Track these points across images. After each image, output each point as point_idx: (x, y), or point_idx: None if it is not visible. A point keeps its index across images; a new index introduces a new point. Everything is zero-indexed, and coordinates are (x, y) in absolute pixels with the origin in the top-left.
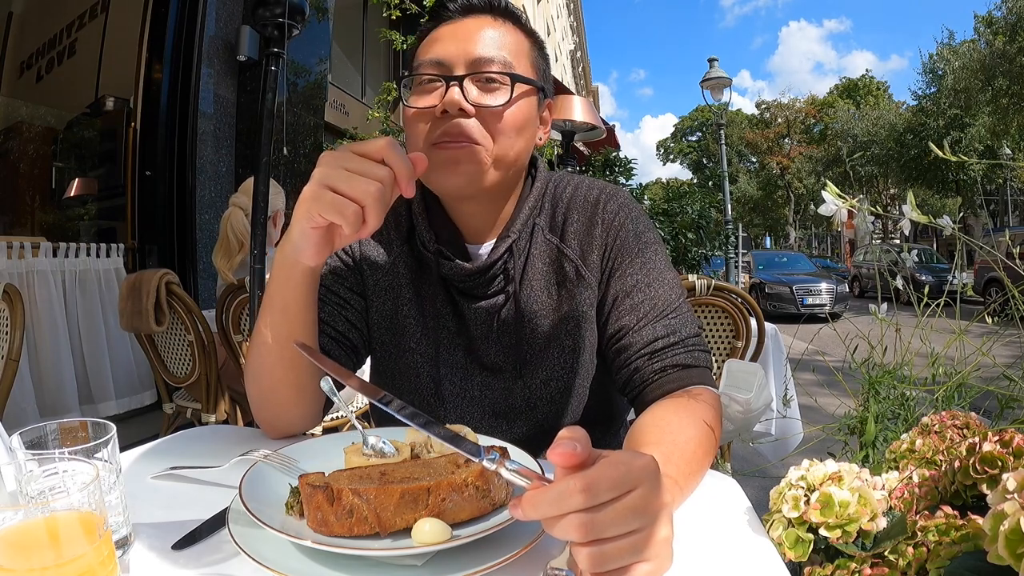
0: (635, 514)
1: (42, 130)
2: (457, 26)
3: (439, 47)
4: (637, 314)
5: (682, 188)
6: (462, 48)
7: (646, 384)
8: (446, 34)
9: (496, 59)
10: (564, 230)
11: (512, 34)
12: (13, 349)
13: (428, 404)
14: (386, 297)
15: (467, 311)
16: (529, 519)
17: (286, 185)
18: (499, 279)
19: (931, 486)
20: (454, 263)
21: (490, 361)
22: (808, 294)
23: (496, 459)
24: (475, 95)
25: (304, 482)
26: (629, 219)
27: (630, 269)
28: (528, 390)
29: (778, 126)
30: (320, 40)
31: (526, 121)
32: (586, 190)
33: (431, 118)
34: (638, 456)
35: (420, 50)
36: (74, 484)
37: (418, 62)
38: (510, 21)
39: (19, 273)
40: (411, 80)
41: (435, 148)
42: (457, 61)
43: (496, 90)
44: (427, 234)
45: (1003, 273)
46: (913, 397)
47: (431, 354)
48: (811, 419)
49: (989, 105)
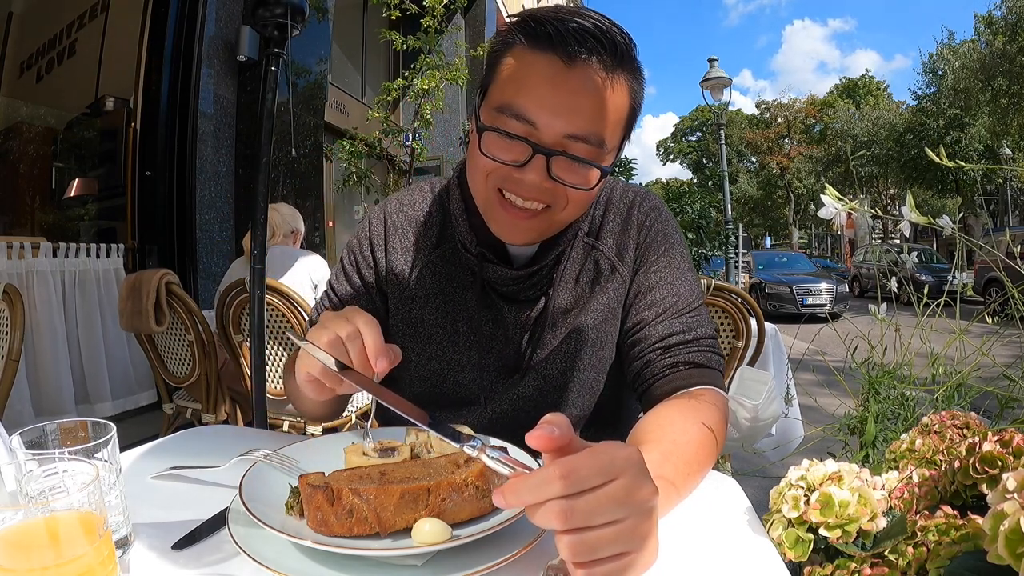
0: (616, 503)
1: (42, 130)
2: (558, 76)
3: (530, 100)
4: (656, 309)
5: (682, 188)
6: (560, 114)
7: (656, 378)
8: (541, 82)
9: (591, 139)
10: (600, 230)
11: (617, 96)
12: (13, 349)
13: (457, 407)
14: (411, 305)
15: (507, 314)
16: (511, 506)
17: (286, 185)
18: (542, 283)
19: (931, 486)
20: (499, 267)
21: (520, 361)
22: (808, 294)
23: (478, 446)
24: (558, 169)
25: (304, 482)
26: (659, 220)
27: (655, 266)
28: (544, 380)
29: (778, 126)
30: (320, 40)
31: (599, 191)
32: (621, 193)
33: (502, 167)
34: (622, 447)
35: (506, 81)
36: (74, 484)
37: (503, 104)
38: (623, 71)
39: (19, 273)
40: (484, 127)
41: (498, 200)
42: (549, 129)
43: (582, 171)
44: (468, 236)
45: (1003, 273)
46: (913, 397)
47: (460, 360)
48: (811, 419)
49: (989, 105)
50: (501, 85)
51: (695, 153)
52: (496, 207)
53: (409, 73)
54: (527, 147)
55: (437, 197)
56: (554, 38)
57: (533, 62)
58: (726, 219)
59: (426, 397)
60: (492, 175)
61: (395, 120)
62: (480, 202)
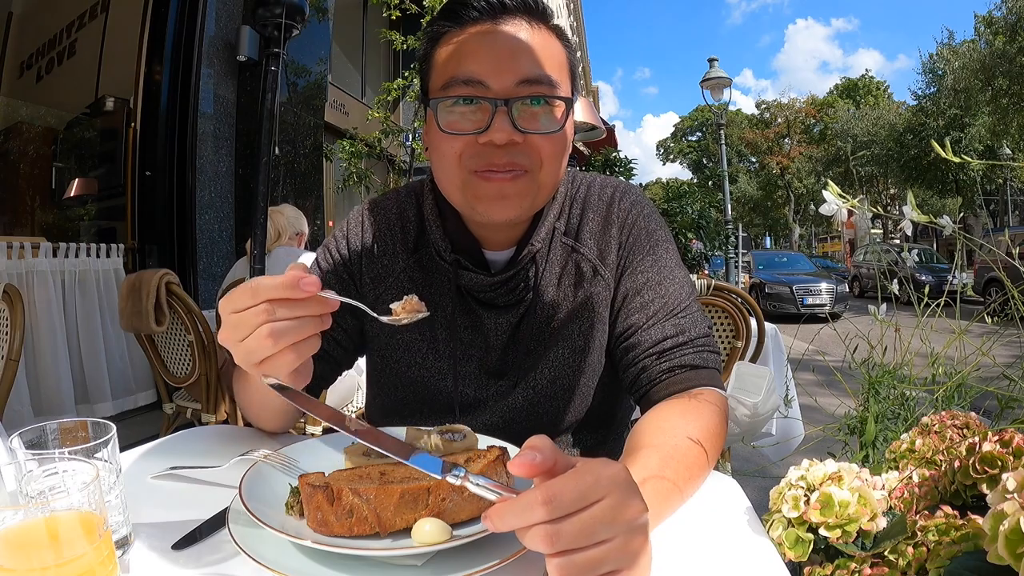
0: (603, 524)
1: (42, 130)
2: (489, 34)
3: (472, 62)
4: (646, 312)
5: (682, 188)
6: (504, 65)
7: (653, 384)
8: (478, 44)
9: (542, 79)
10: (580, 231)
11: (550, 42)
12: (13, 349)
13: (439, 415)
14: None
15: (486, 321)
16: (499, 531)
17: (286, 185)
18: (520, 287)
19: (931, 486)
20: (475, 274)
21: (504, 367)
22: (808, 294)
23: (461, 475)
24: (523, 120)
25: (304, 482)
26: (641, 216)
27: (641, 266)
28: (533, 390)
29: (778, 126)
30: (320, 40)
31: (569, 141)
32: (599, 189)
33: (469, 142)
34: (608, 465)
35: (446, 61)
36: (74, 484)
37: (448, 79)
38: (545, 25)
39: (19, 273)
40: (435, 100)
41: (477, 177)
42: (499, 81)
43: (545, 113)
44: (443, 243)
45: (1003, 273)
46: (913, 397)
47: (440, 367)
48: (811, 419)
49: (989, 105)
50: (441, 68)
51: (695, 153)
52: (478, 183)
53: (409, 73)
54: (485, 105)
55: (415, 201)
56: (478, 10)
57: (464, 37)
58: (726, 219)
59: (411, 406)
60: (463, 155)
61: (395, 120)
62: (456, 193)
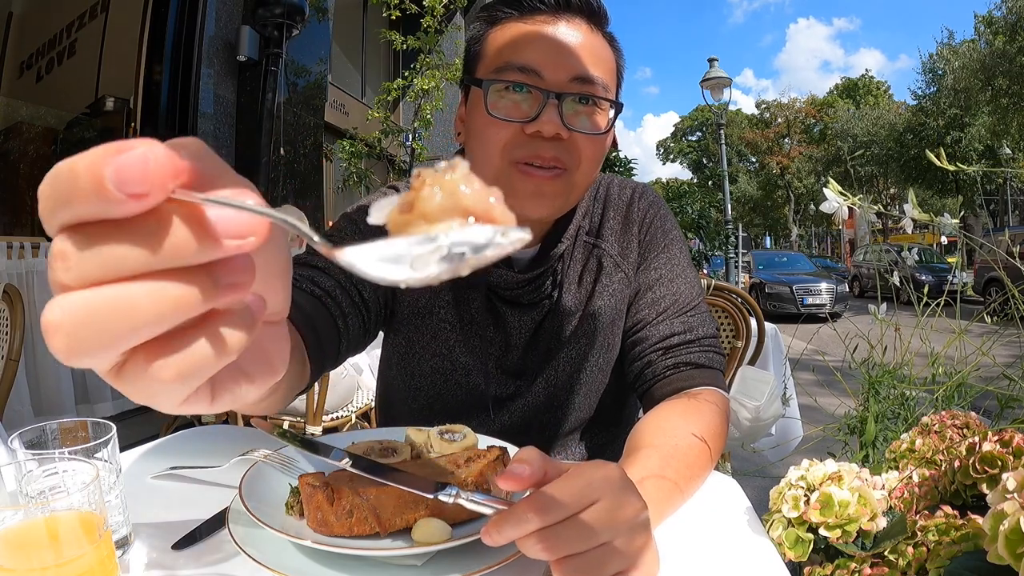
0: (600, 526)
1: (42, 130)
2: (550, 27)
3: (531, 50)
4: (657, 308)
5: (682, 188)
6: (560, 59)
7: (657, 379)
8: (537, 35)
9: (595, 79)
10: (601, 228)
11: (605, 47)
12: (13, 349)
13: (462, 410)
14: (422, 292)
15: (509, 319)
16: (499, 544)
17: (286, 185)
18: (547, 285)
19: (931, 486)
20: (503, 271)
21: (523, 366)
22: (808, 294)
23: (454, 494)
24: (570, 117)
25: (304, 482)
26: (658, 216)
27: (654, 263)
28: (552, 388)
29: (778, 126)
30: (320, 40)
31: (607, 147)
32: (619, 189)
33: (516, 131)
34: (601, 467)
35: (502, 47)
36: (74, 484)
37: (503, 63)
38: (602, 30)
39: (19, 273)
40: (488, 81)
41: (517, 172)
42: (554, 73)
43: (592, 114)
44: None
45: (1003, 273)
46: (913, 397)
47: (465, 363)
48: (811, 419)
49: (989, 105)
50: (495, 53)
51: (695, 153)
52: (516, 177)
53: (409, 73)
54: (538, 94)
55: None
56: (543, 2)
57: (524, 25)
58: (726, 219)
59: (434, 404)
60: (508, 146)
61: (395, 120)
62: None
